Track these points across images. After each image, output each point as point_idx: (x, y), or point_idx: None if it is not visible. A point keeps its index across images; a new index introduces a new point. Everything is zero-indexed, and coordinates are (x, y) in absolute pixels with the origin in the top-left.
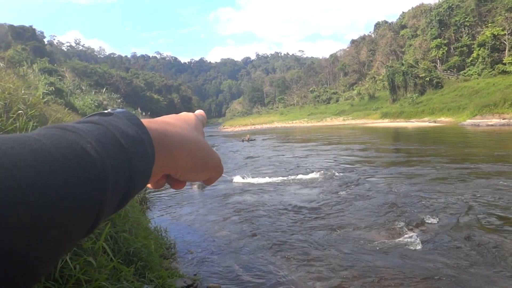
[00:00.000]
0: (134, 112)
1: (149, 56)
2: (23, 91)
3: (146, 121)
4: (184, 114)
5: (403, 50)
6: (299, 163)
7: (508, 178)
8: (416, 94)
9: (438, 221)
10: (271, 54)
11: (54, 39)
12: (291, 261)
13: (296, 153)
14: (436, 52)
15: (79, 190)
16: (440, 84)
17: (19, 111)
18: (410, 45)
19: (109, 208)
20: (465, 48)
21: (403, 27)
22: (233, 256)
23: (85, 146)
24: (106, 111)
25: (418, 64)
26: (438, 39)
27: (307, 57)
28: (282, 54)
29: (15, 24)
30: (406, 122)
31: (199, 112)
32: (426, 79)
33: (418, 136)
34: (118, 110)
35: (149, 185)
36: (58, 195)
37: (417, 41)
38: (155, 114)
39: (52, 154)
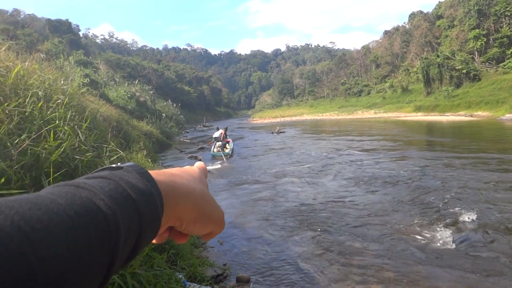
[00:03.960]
0: (165, 103)
1: (180, 48)
2: (61, 82)
3: (154, 173)
4: (188, 167)
5: (438, 41)
6: (329, 155)
7: None
8: (452, 87)
9: (474, 220)
10: (301, 45)
11: (89, 32)
12: (322, 255)
13: (327, 145)
14: (474, 44)
15: (93, 245)
16: (477, 77)
17: (58, 100)
18: (447, 36)
19: (119, 261)
20: (505, 39)
21: (439, 17)
22: (264, 248)
23: (98, 203)
24: (115, 165)
25: (454, 56)
26: (477, 30)
27: (338, 48)
28: (313, 46)
29: (52, 18)
30: (441, 115)
31: (200, 164)
32: (462, 71)
33: (453, 130)
34: (128, 163)
35: (153, 241)
36: (72, 252)
37: (454, 32)
38: (185, 105)
39: (67, 213)
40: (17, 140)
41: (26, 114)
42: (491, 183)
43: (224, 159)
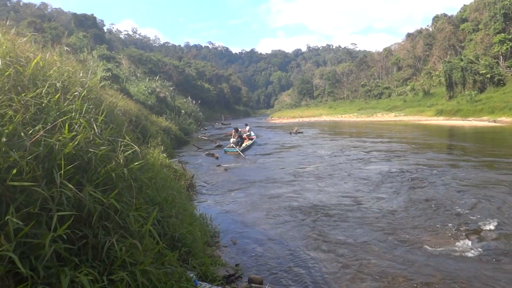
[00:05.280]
0: (184, 100)
1: (202, 46)
2: (81, 74)
3: None
4: None
5: (462, 45)
6: (347, 157)
7: None
8: (475, 92)
9: (495, 229)
10: (322, 46)
11: (113, 27)
12: (336, 259)
13: (345, 147)
14: (499, 48)
15: None
16: (502, 82)
17: (75, 93)
18: (471, 40)
19: None
20: None
21: (464, 20)
22: (277, 249)
23: None
24: None
25: (478, 60)
26: (502, 34)
27: (359, 50)
28: (334, 47)
29: (78, 13)
30: (463, 120)
31: None
32: (486, 76)
33: (475, 135)
34: None
35: None
36: None
37: (479, 35)
38: (204, 102)
39: None
40: (31, 131)
41: (43, 105)
42: None
43: (241, 153)
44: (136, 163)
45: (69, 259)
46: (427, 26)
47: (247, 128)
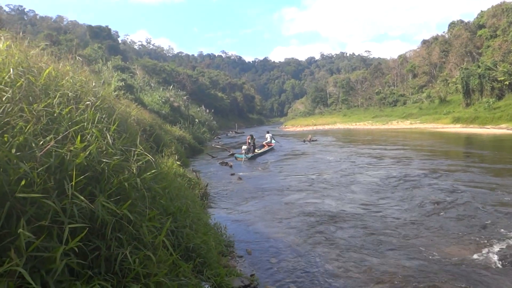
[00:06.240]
0: (198, 109)
1: (215, 55)
2: (94, 84)
3: None
4: None
5: (480, 51)
6: (361, 164)
7: None
8: (493, 99)
9: None
10: (336, 54)
11: (127, 38)
12: (353, 269)
13: (360, 155)
14: None
15: None
16: None
17: (87, 102)
18: (488, 46)
19: None
20: None
21: (481, 26)
22: (292, 260)
23: None
24: None
25: (496, 67)
26: None
27: (373, 57)
28: (348, 54)
29: (93, 25)
30: (481, 128)
31: None
32: (505, 82)
33: (494, 143)
34: None
35: None
36: None
37: (497, 42)
38: (218, 111)
39: None
40: (42, 142)
41: (55, 115)
42: None
43: (245, 157)
44: (149, 173)
45: (81, 272)
46: (443, 32)
47: (268, 135)
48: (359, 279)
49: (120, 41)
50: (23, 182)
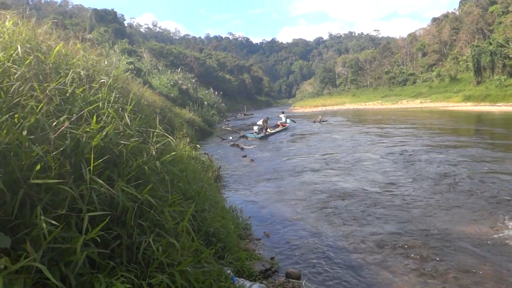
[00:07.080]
0: (206, 91)
1: (222, 37)
2: (105, 62)
3: None
4: None
5: (491, 28)
6: (374, 144)
7: None
8: (505, 76)
9: None
10: (344, 34)
11: (134, 22)
12: (375, 250)
13: (371, 135)
14: None
15: None
16: None
17: (102, 81)
18: (500, 23)
19: None
20: None
21: (493, 3)
22: (312, 241)
23: None
24: None
25: (508, 44)
26: None
27: (382, 36)
28: (356, 34)
29: (98, 8)
30: (492, 106)
31: None
32: None
33: (506, 121)
34: None
35: None
36: None
37: (509, 18)
38: (226, 93)
39: None
40: (55, 123)
41: (67, 95)
42: None
43: (247, 138)
44: (169, 155)
45: (102, 264)
46: (454, 9)
47: (282, 115)
48: (384, 259)
49: (126, 25)
50: (37, 167)
